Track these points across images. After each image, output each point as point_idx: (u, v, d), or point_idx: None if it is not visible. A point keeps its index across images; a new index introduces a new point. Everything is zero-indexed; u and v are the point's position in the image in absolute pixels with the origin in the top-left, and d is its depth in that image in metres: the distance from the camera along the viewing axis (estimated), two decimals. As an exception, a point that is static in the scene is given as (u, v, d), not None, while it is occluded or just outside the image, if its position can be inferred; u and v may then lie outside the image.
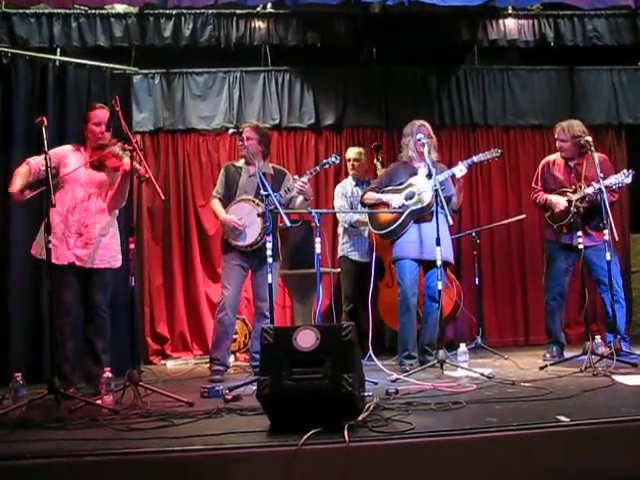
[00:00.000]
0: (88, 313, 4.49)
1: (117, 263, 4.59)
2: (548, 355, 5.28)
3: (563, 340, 5.41)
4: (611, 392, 3.66)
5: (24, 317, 5.38)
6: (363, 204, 5.44)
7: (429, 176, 5.04)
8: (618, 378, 4.03)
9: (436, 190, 4.76)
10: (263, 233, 4.96)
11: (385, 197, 5.25)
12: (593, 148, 4.93)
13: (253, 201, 5.10)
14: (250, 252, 5.10)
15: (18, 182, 4.30)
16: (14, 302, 5.33)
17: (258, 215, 5.02)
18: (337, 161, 5.17)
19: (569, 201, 5.14)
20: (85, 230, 4.44)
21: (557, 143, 5.38)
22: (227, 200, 5.20)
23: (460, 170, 5.01)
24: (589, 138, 5.03)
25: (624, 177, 5.01)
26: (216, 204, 5.24)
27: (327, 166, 5.21)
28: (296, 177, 5.12)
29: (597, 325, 6.61)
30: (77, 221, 4.42)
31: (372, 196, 5.32)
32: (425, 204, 5.04)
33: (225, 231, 5.17)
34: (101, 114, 4.51)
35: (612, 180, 5.01)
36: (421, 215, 5.09)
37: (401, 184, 5.23)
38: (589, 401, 3.39)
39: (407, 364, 4.97)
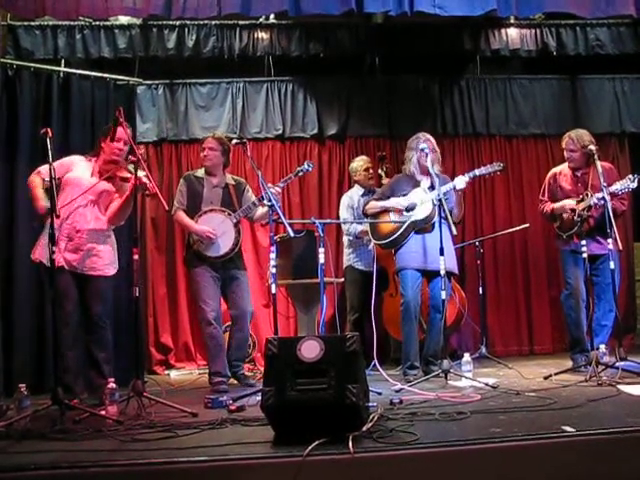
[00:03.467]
0: (87, 324, 4.48)
1: (111, 271, 4.55)
2: (584, 367, 4.80)
3: (588, 347, 5.16)
4: (616, 402, 3.65)
5: (28, 327, 5.38)
6: (365, 215, 5.45)
7: (431, 188, 5.05)
8: (623, 388, 4.01)
9: (440, 201, 4.77)
10: (236, 243, 5.02)
11: (387, 203, 5.26)
12: (596, 157, 4.94)
13: (223, 211, 5.08)
14: (219, 263, 5.05)
15: (42, 195, 4.25)
16: (18, 312, 5.34)
17: (234, 225, 5.02)
18: (310, 168, 5.11)
19: (572, 209, 5.13)
20: (76, 235, 4.41)
21: (565, 153, 5.34)
22: (191, 211, 5.11)
23: (461, 182, 5.01)
24: (593, 147, 5.03)
25: (629, 182, 4.97)
26: (183, 215, 5.12)
27: (301, 174, 5.13)
28: (270, 185, 4.97)
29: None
30: (70, 225, 4.40)
31: (374, 205, 5.33)
32: (425, 216, 5.05)
33: (194, 243, 5.07)
34: (124, 132, 4.50)
35: (618, 186, 4.98)
36: (422, 227, 5.10)
37: (403, 196, 5.23)
38: (594, 411, 3.38)
39: (411, 374, 4.96)
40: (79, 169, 4.51)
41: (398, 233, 5.15)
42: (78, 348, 4.42)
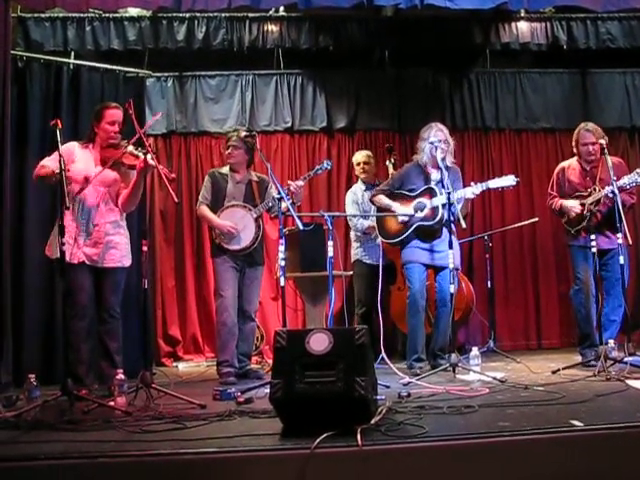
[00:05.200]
0: (101, 315, 4.50)
1: (128, 262, 4.61)
2: (593, 362, 4.76)
3: (597, 342, 5.11)
4: (625, 397, 3.63)
5: (38, 318, 5.41)
6: (372, 203, 5.44)
7: (441, 183, 5.01)
8: (632, 383, 4.00)
9: (450, 203, 4.75)
10: (256, 237, 5.16)
11: (394, 207, 5.22)
12: (606, 150, 4.92)
13: (244, 206, 5.20)
14: (240, 255, 5.18)
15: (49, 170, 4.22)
16: (28, 303, 5.36)
17: (254, 219, 5.14)
18: (329, 167, 5.23)
19: (582, 204, 5.12)
20: (95, 229, 4.44)
21: (584, 148, 5.24)
22: (214, 206, 5.26)
23: (473, 193, 5.03)
24: (602, 141, 5.00)
25: (638, 177, 4.95)
26: (206, 210, 5.27)
27: (320, 172, 5.27)
28: (290, 182, 5.11)
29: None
30: (87, 220, 4.43)
31: (382, 202, 5.30)
32: (436, 220, 5.04)
33: (215, 235, 5.22)
34: (116, 114, 4.53)
35: (626, 180, 4.95)
36: (428, 229, 5.09)
37: (412, 190, 5.20)
38: (602, 406, 3.37)
39: (417, 367, 4.96)
40: (82, 160, 4.50)
41: (404, 236, 5.16)
42: (91, 339, 4.45)
